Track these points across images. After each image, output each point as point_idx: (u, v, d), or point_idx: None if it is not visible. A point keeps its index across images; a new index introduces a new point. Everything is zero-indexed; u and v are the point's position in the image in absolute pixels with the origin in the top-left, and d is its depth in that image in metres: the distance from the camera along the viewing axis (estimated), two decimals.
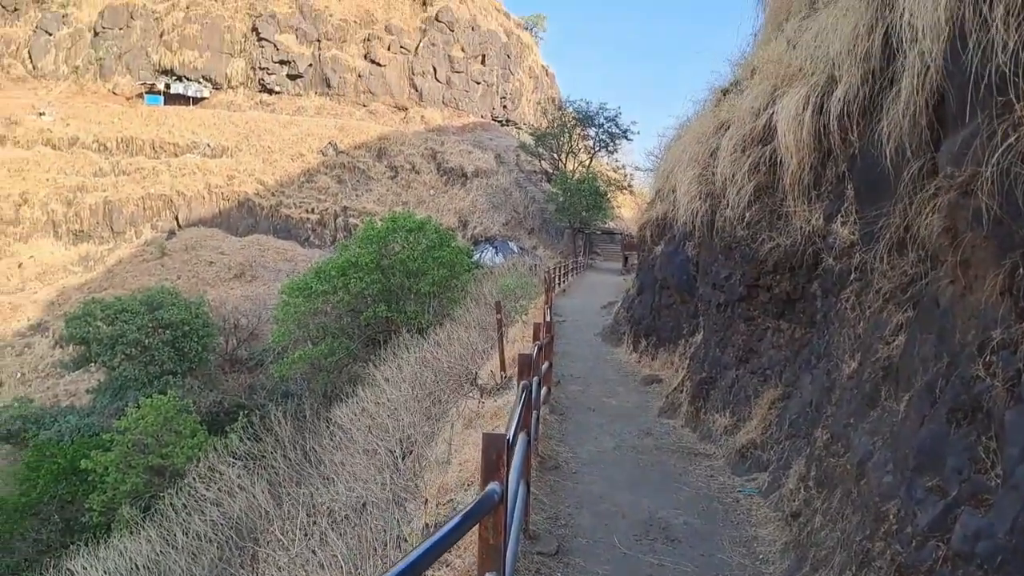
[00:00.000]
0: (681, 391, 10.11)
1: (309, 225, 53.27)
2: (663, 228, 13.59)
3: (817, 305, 6.86)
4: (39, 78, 63.07)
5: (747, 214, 7.95)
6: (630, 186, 50.61)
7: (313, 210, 53.64)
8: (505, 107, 66.94)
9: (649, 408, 10.43)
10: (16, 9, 64.93)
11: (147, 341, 29.44)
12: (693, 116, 12.80)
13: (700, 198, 9.61)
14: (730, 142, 8.42)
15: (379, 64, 63.60)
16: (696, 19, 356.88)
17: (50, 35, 64.03)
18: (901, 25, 4.77)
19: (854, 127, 5.92)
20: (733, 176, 8.19)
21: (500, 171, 54.70)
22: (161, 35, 63.66)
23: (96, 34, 63.80)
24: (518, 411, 4.70)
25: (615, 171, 50.89)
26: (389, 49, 64.13)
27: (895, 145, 4.98)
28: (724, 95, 10.38)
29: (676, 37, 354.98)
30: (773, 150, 7.45)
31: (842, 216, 6.22)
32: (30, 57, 63.88)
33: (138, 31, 63.76)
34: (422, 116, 62.34)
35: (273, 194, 54.27)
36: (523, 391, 5.49)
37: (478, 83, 65.50)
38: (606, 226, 49.51)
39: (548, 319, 12.60)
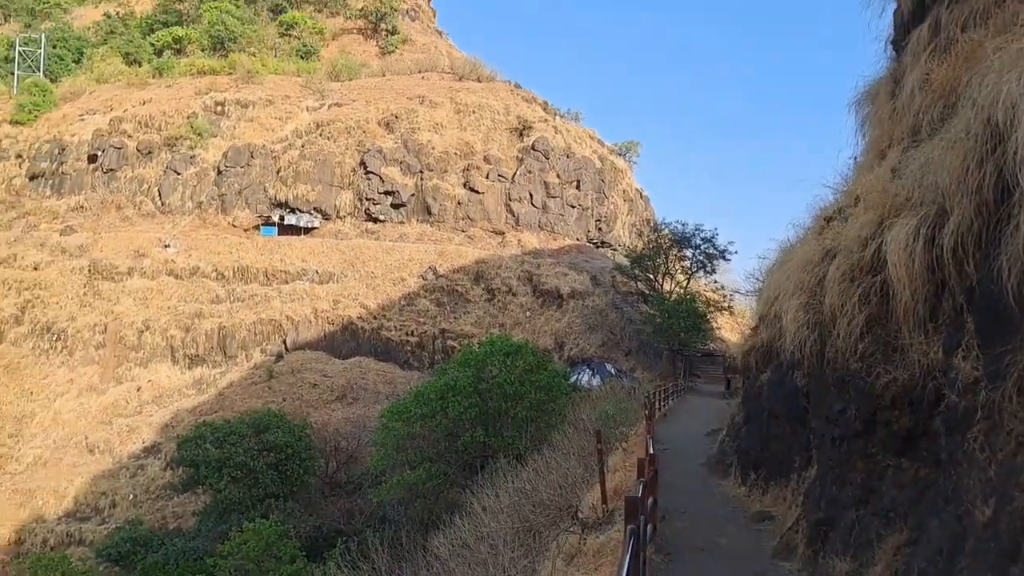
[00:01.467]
0: (796, 531, 9.55)
1: (409, 348, 54.45)
2: (768, 356, 13.23)
3: (941, 443, 6.46)
4: (167, 213, 68.47)
5: (859, 346, 7.69)
6: (730, 307, 49.82)
7: (413, 333, 54.91)
8: (600, 229, 68.00)
9: (762, 549, 9.86)
10: (150, 152, 71.55)
11: (252, 464, 30.15)
12: (796, 241, 12.69)
13: (808, 327, 9.36)
14: (837, 271, 8.26)
15: (477, 192, 66.10)
16: (790, 143, 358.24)
17: (178, 174, 69.92)
18: (1015, 161, 4.68)
19: (970, 259, 5.73)
20: (842, 306, 7.98)
21: (596, 292, 54.98)
22: (278, 171, 68.48)
23: (220, 172, 69.24)
24: (626, 561, 4.54)
25: (714, 292, 50.35)
26: (487, 177, 66.73)
27: (1017, 280, 4.79)
28: (828, 222, 10.27)
29: (773, 161, 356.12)
30: (884, 281, 7.26)
31: (962, 350, 5.93)
32: (159, 194, 69.68)
33: (257, 168, 68.86)
34: (519, 240, 63.89)
35: (375, 317, 55.99)
36: (631, 536, 5.31)
37: (573, 207, 67.04)
38: (706, 348, 48.57)
39: (651, 450, 12.28)
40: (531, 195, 66.11)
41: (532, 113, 72.96)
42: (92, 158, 72.67)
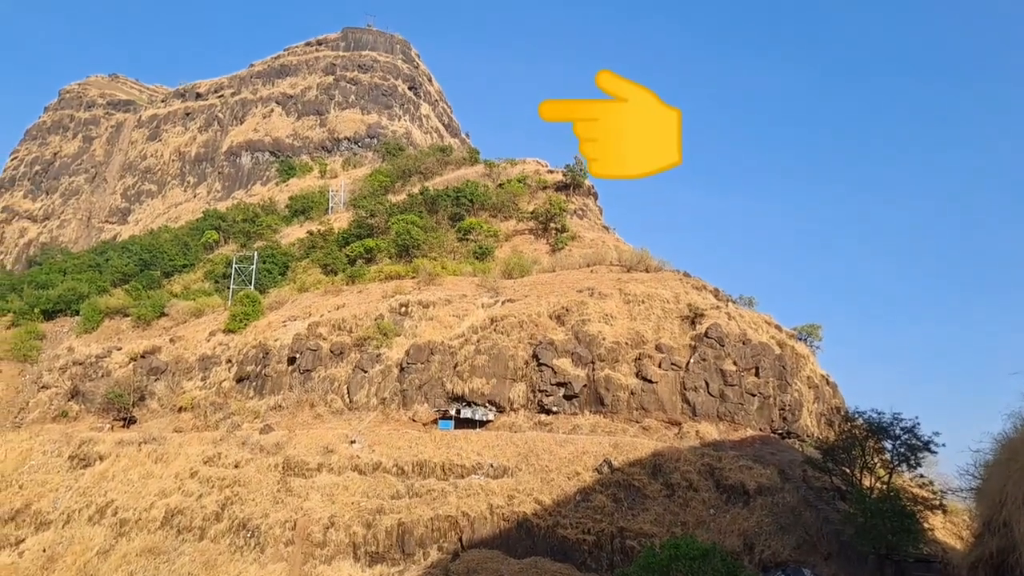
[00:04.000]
0: None
1: (585, 547, 52.22)
2: (1000, 569, 11.46)
3: None
4: (354, 410, 72.33)
5: None
6: (943, 505, 44.45)
7: (589, 531, 52.82)
8: (785, 419, 64.25)
9: None
10: (341, 353, 77.01)
11: None
12: (1017, 438, 11.38)
13: None
14: None
15: (651, 381, 65.10)
16: (986, 324, 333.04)
17: (365, 372, 74.34)
18: None
19: None
20: None
21: (785, 488, 51.08)
22: (455, 366, 71.20)
23: (402, 369, 72.96)
24: None
25: (921, 488, 45.29)
26: (660, 366, 65.81)
27: None
28: None
29: (970, 345, 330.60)
30: None
31: None
32: (348, 392, 74.08)
33: (436, 364, 72.04)
34: (696, 431, 61.47)
35: (550, 514, 54.60)
36: None
37: (753, 395, 64.20)
38: (919, 552, 43.09)
39: None
40: (707, 383, 64.25)
41: (703, 300, 72.52)
42: (291, 360, 79.10)
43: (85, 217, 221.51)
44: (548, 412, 66.36)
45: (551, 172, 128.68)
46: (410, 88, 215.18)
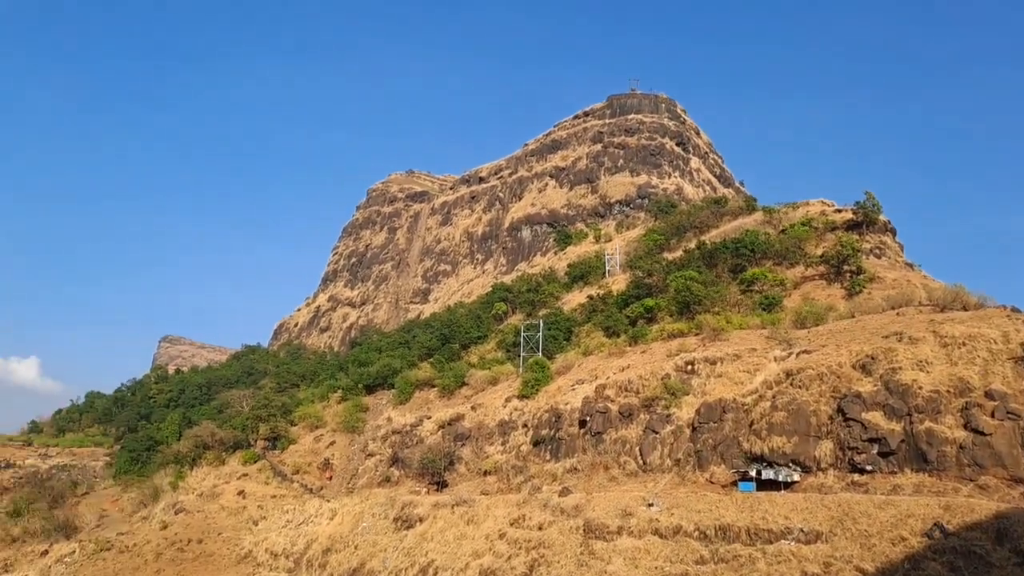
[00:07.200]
0: None
1: None
2: None
3: None
4: (647, 471, 71.74)
5: None
6: None
7: None
8: None
9: None
10: (630, 414, 77.16)
11: None
12: None
13: None
14: None
15: (983, 433, 57.10)
16: None
17: (656, 433, 73.62)
18: None
19: None
20: None
21: None
22: (750, 425, 67.99)
23: (694, 429, 71.22)
24: None
25: None
26: (993, 416, 57.58)
27: None
28: None
29: None
30: None
31: None
32: (640, 454, 73.75)
33: (730, 423, 69.36)
34: None
35: None
36: None
37: None
38: None
39: None
40: None
41: None
42: (582, 423, 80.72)
43: (393, 300, 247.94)
44: (861, 471, 60.58)
45: (839, 211, 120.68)
46: (678, 144, 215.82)
